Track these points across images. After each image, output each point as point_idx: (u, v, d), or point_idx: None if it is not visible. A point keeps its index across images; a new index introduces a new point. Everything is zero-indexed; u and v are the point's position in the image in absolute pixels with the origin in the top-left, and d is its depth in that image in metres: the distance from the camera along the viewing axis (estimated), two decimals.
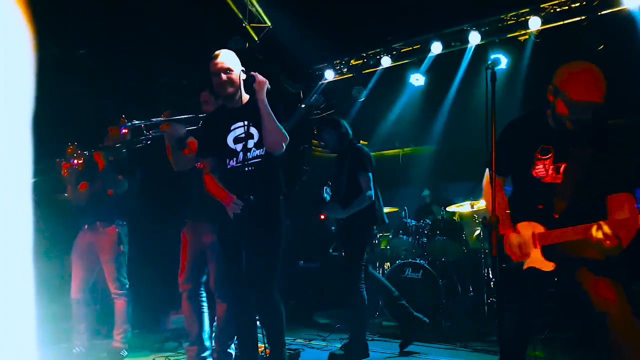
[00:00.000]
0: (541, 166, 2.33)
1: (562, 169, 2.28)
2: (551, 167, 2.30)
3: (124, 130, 3.30)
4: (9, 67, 0.82)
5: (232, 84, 2.82)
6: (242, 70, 2.84)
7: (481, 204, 5.25)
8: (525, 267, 2.31)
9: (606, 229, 2.03)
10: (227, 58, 2.84)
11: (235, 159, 2.83)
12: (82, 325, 3.87)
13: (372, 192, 3.72)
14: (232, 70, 2.82)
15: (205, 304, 3.53)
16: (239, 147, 2.82)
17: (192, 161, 3.52)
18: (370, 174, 3.75)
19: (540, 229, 2.28)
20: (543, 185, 2.32)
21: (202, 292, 3.53)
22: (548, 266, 2.25)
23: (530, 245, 2.29)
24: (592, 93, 2.17)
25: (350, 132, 3.98)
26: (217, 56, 2.83)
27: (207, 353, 3.49)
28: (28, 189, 0.83)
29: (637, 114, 5.06)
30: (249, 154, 2.81)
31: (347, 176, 3.82)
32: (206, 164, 2.95)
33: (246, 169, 2.80)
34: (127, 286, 3.90)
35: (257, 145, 2.80)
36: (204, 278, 3.54)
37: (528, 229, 2.31)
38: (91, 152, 3.85)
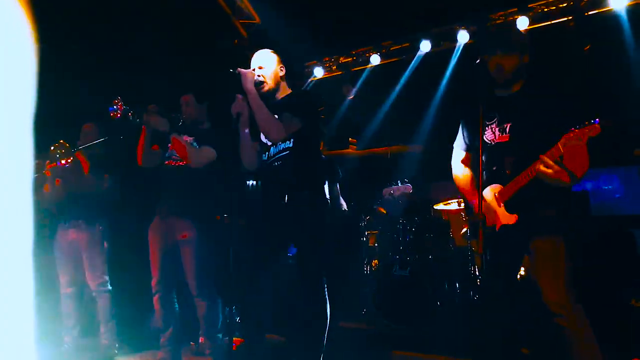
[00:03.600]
0: (489, 131, 2.53)
1: (507, 129, 2.47)
2: (497, 129, 2.50)
3: (112, 113, 3.23)
4: (10, 66, 0.81)
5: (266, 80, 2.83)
6: (233, 69, 2.77)
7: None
8: (497, 228, 2.48)
9: (546, 159, 2.24)
10: (260, 56, 2.88)
11: (267, 153, 2.84)
12: (71, 321, 3.84)
13: None
14: (264, 67, 2.84)
15: (176, 302, 3.50)
16: (269, 141, 2.83)
17: (159, 158, 3.51)
18: None
19: (498, 188, 2.47)
20: (493, 147, 2.51)
21: (174, 291, 3.49)
22: (512, 218, 2.42)
23: (495, 207, 2.47)
24: (514, 40, 2.47)
25: None
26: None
27: (183, 350, 3.49)
28: (28, 188, 0.82)
29: (623, 112, 5.12)
30: (274, 148, 2.80)
31: None
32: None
33: (275, 164, 2.79)
34: (109, 283, 3.86)
35: (283, 139, 2.76)
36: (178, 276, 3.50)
37: (490, 193, 2.49)
38: (74, 151, 3.82)
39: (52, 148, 3.68)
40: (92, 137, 3.88)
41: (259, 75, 2.81)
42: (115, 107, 3.21)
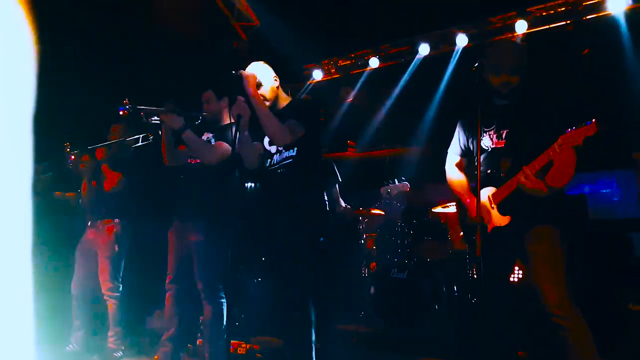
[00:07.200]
0: (487, 137, 2.58)
1: (504, 135, 2.52)
2: (495, 135, 2.54)
3: (122, 112, 3.22)
4: (10, 66, 0.81)
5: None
6: (235, 71, 2.75)
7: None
8: (489, 229, 2.51)
9: (527, 171, 2.31)
10: (256, 66, 2.89)
11: (269, 160, 2.86)
12: (78, 321, 3.86)
13: None
14: (262, 85, 2.84)
15: (187, 305, 3.49)
16: (273, 148, 2.85)
17: (185, 157, 3.50)
18: None
19: (493, 191, 2.51)
20: (490, 152, 2.56)
21: (187, 292, 3.49)
22: (505, 220, 2.45)
23: (488, 208, 2.51)
24: (511, 55, 2.49)
25: None
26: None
27: (182, 352, 3.49)
28: (28, 187, 0.82)
29: (621, 116, 5.13)
30: (278, 156, 2.83)
31: None
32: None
33: (278, 170, 2.81)
34: (120, 289, 3.86)
35: (287, 147, 2.78)
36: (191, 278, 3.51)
37: (484, 195, 2.52)
38: (93, 150, 3.84)
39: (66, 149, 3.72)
40: (118, 138, 3.90)
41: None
42: (125, 107, 3.19)
